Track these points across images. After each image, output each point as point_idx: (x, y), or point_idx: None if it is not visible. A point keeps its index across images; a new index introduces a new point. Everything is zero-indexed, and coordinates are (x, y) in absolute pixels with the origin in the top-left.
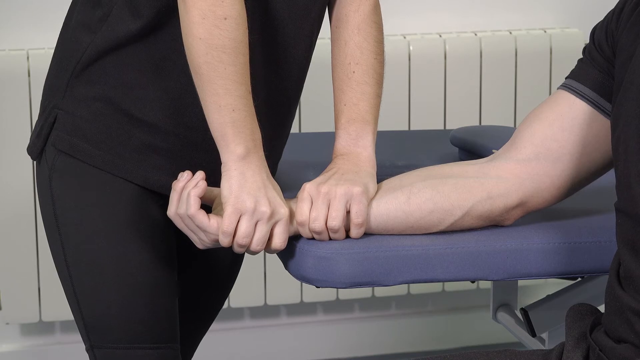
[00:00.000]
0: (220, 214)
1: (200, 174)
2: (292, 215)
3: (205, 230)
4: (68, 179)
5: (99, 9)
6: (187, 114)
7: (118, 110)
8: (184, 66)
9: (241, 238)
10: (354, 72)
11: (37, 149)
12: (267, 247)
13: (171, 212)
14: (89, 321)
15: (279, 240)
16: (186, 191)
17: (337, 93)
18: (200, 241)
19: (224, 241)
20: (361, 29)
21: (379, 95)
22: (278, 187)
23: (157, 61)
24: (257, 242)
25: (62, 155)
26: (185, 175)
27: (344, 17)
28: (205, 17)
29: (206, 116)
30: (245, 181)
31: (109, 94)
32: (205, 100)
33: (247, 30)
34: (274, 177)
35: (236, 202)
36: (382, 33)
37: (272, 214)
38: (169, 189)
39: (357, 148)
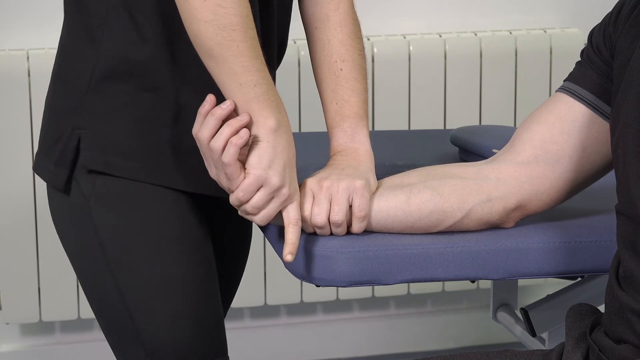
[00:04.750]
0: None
1: (246, 116)
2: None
3: (231, 179)
4: (109, 201)
5: (91, 17)
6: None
7: (145, 118)
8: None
9: (251, 207)
10: (341, 69)
11: (62, 178)
12: (274, 220)
13: (198, 132)
14: (151, 344)
15: (294, 214)
16: (229, 129)
17: (327, 92)
18: (216, 174)
19: (234, 202)
20: (343, 26)
21: (366, 90)
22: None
23: (175, 68)
24: (263, 217)
25: (100, 177)
26: (209, 100)
27: (325, 17)
28: None
29: (228, 97)
30: (275, 156)
31: (133, 103)
32: (224, 82)
33: (249, 4)
34: None
35: (262, 173)
36: (361, 30)
37: (289, 197)
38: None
39: (354, 144)
